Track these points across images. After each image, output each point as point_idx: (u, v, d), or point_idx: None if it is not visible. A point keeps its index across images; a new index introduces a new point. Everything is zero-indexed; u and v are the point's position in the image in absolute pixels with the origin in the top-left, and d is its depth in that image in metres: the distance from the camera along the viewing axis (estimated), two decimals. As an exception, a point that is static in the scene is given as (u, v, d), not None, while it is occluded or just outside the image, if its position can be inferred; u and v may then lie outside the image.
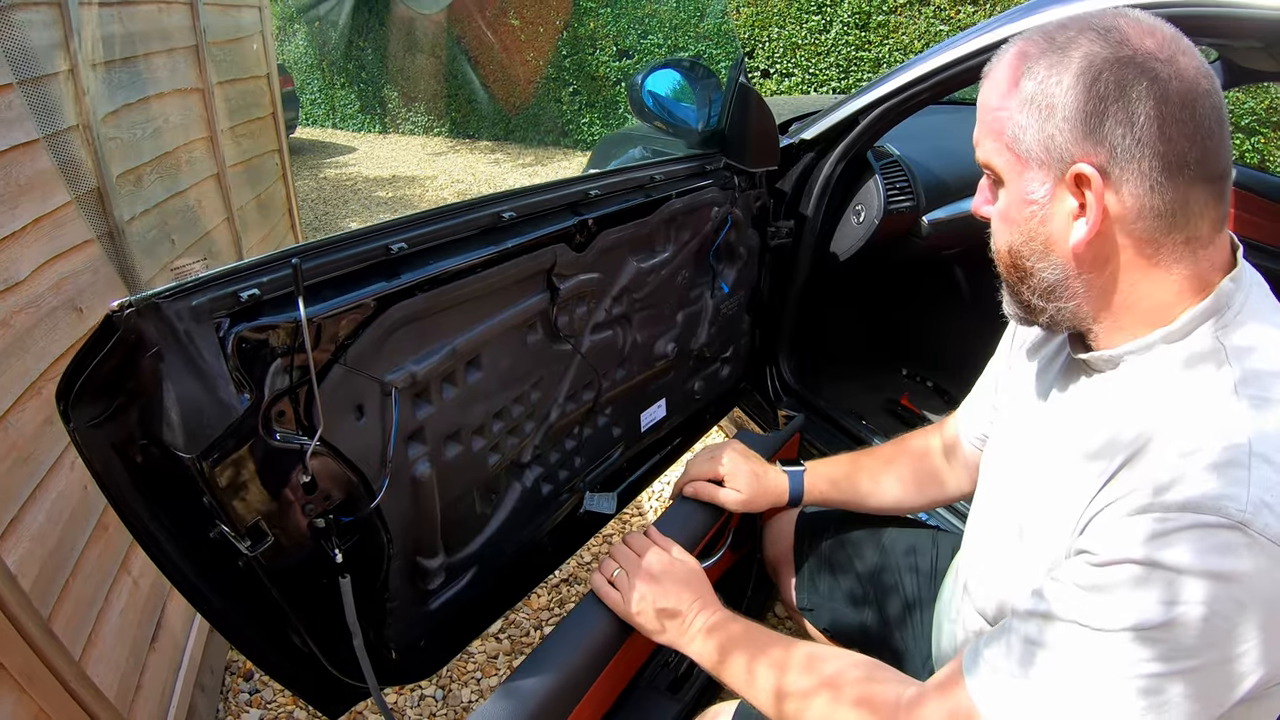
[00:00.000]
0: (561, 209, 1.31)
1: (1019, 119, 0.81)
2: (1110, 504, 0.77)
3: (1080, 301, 0.85)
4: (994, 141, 0.85)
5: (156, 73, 2.60)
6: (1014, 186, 0.85)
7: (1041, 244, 0.84)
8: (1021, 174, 0.83)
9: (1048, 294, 0.87)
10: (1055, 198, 0.82)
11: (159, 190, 2.45)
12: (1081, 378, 0.93)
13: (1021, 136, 0.82)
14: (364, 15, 12.01)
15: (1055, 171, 0.80)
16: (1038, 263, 0.86)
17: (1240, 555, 0.68)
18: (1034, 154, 0.81)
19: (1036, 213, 0.83)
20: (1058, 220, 0.82)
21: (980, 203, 0.94)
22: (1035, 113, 0.80)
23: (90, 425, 0.83)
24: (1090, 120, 0.77)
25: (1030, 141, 0.81)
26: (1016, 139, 0.82)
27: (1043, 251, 0.85)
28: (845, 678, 0.97)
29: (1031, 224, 0.84)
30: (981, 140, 0.87)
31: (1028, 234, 0.85)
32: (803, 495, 1.44)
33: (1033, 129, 0.80)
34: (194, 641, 1.98)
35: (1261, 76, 2.14)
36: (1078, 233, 0.81)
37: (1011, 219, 0.86)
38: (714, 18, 8.26)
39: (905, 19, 7.36)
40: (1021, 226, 0.85)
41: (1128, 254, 0.81)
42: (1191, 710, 0.72)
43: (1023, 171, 0.83)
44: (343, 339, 0.98)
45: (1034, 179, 0.82)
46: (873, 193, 2.10)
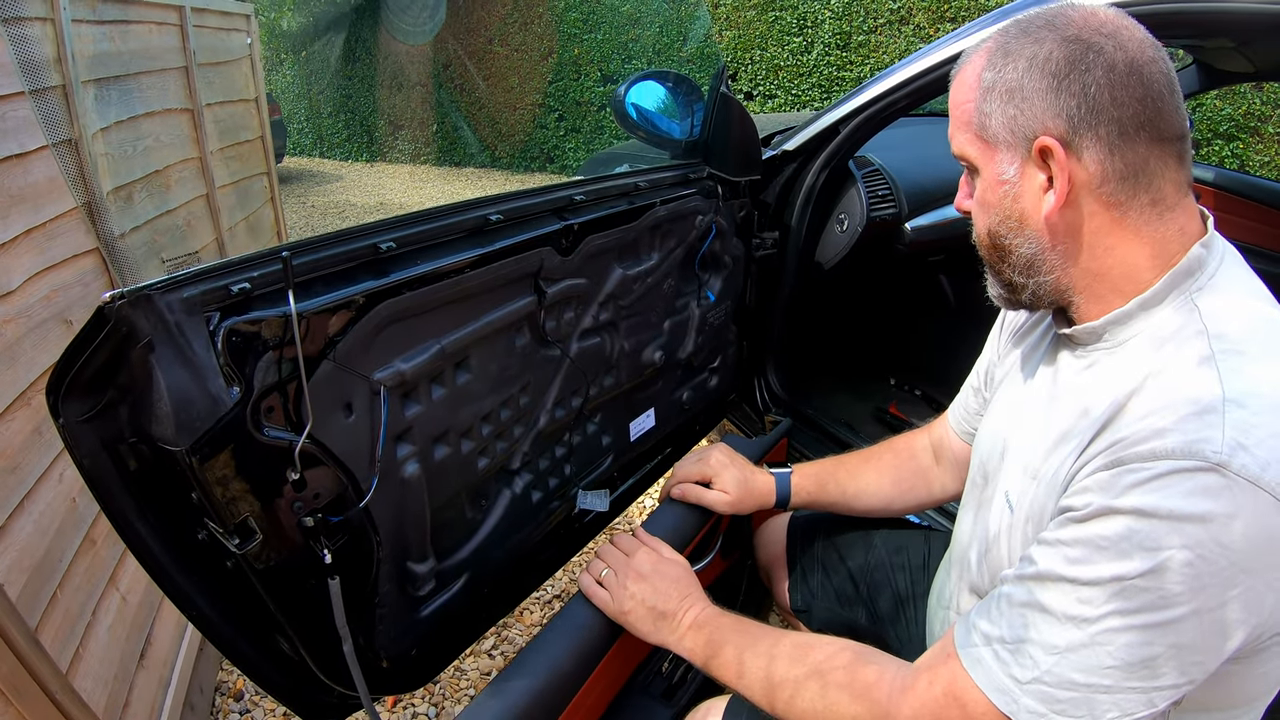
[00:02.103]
0: (547, 213, 1.33)
1: (983, 107, 0.88)
2: (1091, 460, 0.79)
3: (1059, 274, 0.90)
4: (964, 133, 0.91)
5: (147, 92, 2.62)
6: (987, 171, 0.90)
7: (1016, 220, 0.89)
8: (992, 158, 0.89)
9: (1027, 269, 0.91)
10: (1024, 175, 0.87)
11: (149, 208, 2.47)
12: (1067, 354, 0.95)
13: (987, 123, 0.88)
14: (351, 45, 12.10)
15: (1021, 150, 0.86)
16: (1014, 239, 0.90)
17: (1219, 496, 0.69)
18: (1000, 137, 0.87)
19: (1009, 191, 0.88)
20: (1029, 196, 0.87)
21: (961, 198, 0.99)
22: (997, 99, 0.86)
23: (80, 420, 0.84)
24: (1046, 96, 0.83)
25: (996, 126, 0.87)
26: (984, 126, 0.88)
27: (1018, 227, 0.89)
28: (835, 663, 0.98)
29: (1005, 202, 0.89)
30: (954, 134, 0.94)
31: (1003, 213, 0.90)
32: (790, 497, 1.44)
33: (996, 114, 0.87)
34: (183, 660, 1.96)
35: (1236, 78, 2.19)
36: (1048, 203, 0.85)
37: (987, 202, 0.92)
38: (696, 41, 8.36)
39: (886, 38, 7.47)
40: (997, 207, 0.90)
41: (1097, 219, 0.85)
42: (1185, 662, 0.73)
43: (993, 155, 0.89)
44: (332, 335, 0.98)
45: (1003, 160, 0.88)
46: (855, 201, 2.13)
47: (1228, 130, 5.86)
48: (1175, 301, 0.84)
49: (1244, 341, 0.78)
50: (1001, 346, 1.20)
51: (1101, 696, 0.75)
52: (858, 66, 7.69)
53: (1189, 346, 0.79)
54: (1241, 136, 5.87)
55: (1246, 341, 0.78)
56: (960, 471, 1.36)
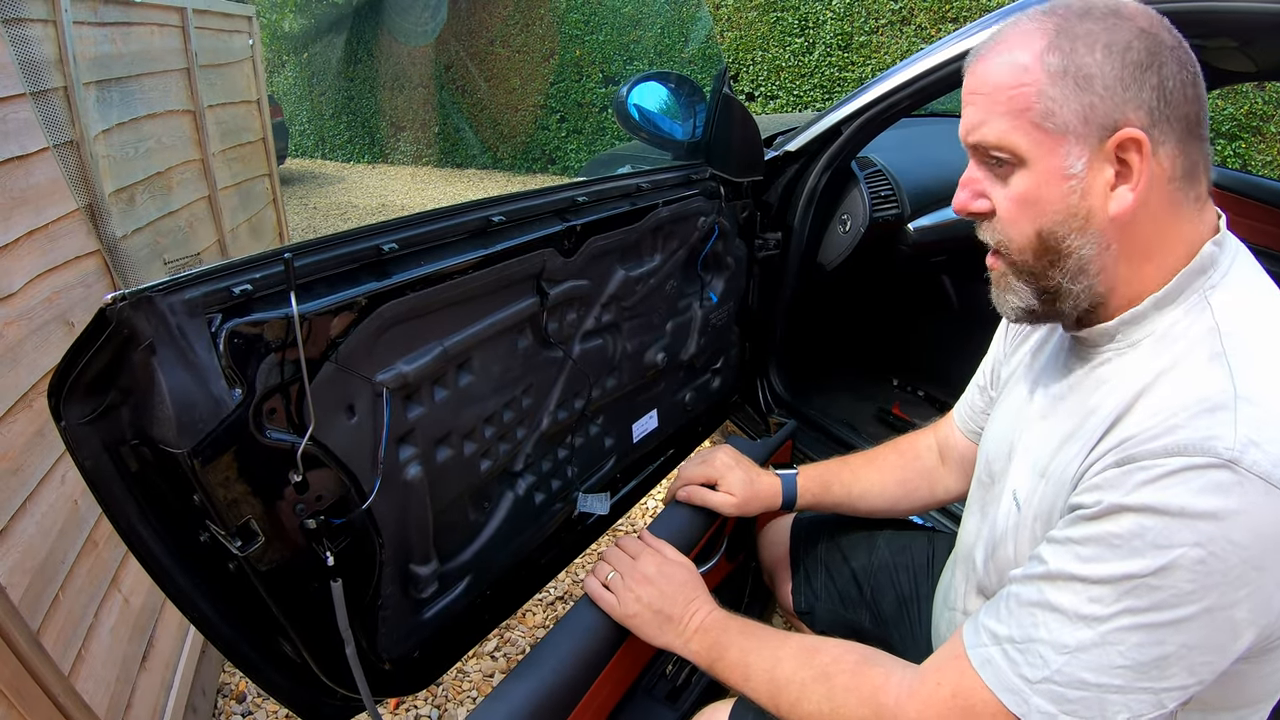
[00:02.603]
0: (549, 215, 1.32)
1: (1050, 92, 0.79)
2: (1101, 457, 0.79)
3: (1104, 276, 0.84)
4: (1012, 120, 0.82)
5: (149, 93, 2.63)
6: (1044, 164, 0.82)
7: (1082, 218, 0.82)
8: (1055, 149, 0.81)
9: (1079, 273, 0.85)
10: (1092, 169, 0.80)
11: (151, 209, 2.47)
12: (1076, 352, 0.94)
13: (1055, 110, 0.80)
14: (353, 46, 12.12)
15: (1093, 141, 0.79)
16: (1076, 239, 0.83)
17: (1231, 493, 0.69)
18: (1071, 126, 0.79)
19: (1076, 187, 0.81)
20: (1096, 192, 0.81)
21: (969, 199, 0.90)
22: (1070, 84, 0.79)
23: (82, 422, 0.83)
24: (1129, 86, 0.77)
25: (1067, 114, 0.79)
26: (1049, 113, 0.80)
27: (1082, 226, 0.82)
28: (842, 665, 0.97)
29: (1071, 199, 0.82)
30: (988, 122, 0.84)
31: (1066, 211, 0.82)
32: (795, 498, 1.43)
33: (1069, 101, 0.79)
34: (185, 662, 1.96)
35: (1238, 78, 2.18)
36: (1121, 200, 0.80)
37: (1041, 199, 0.83)
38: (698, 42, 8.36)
39: (887, 39, 7.47)
40: (1057, 204, 0.82)
41: (1156, 218, 0.82)
42: (1196, 661, 0.73)
43: (1056, 147, 0.81)
44: (334, 337, 0.98)
45: (1070, 153, 0.80)
46: (858, 202, 2.13)
47: (1230, 130, 5.86)
48: (1189, 299, 0.82)
49: (1256, 338, 0.78)
50: (1008, 345, 1.20)
51: (1113, 696, 0.75)
52: (859, 67, 7.68)
53: (1201, 343, 0.79)
54: (1244, 136, 5.86)
55: (1258, 338, 0.78)
56: (965, 471, 1.35)
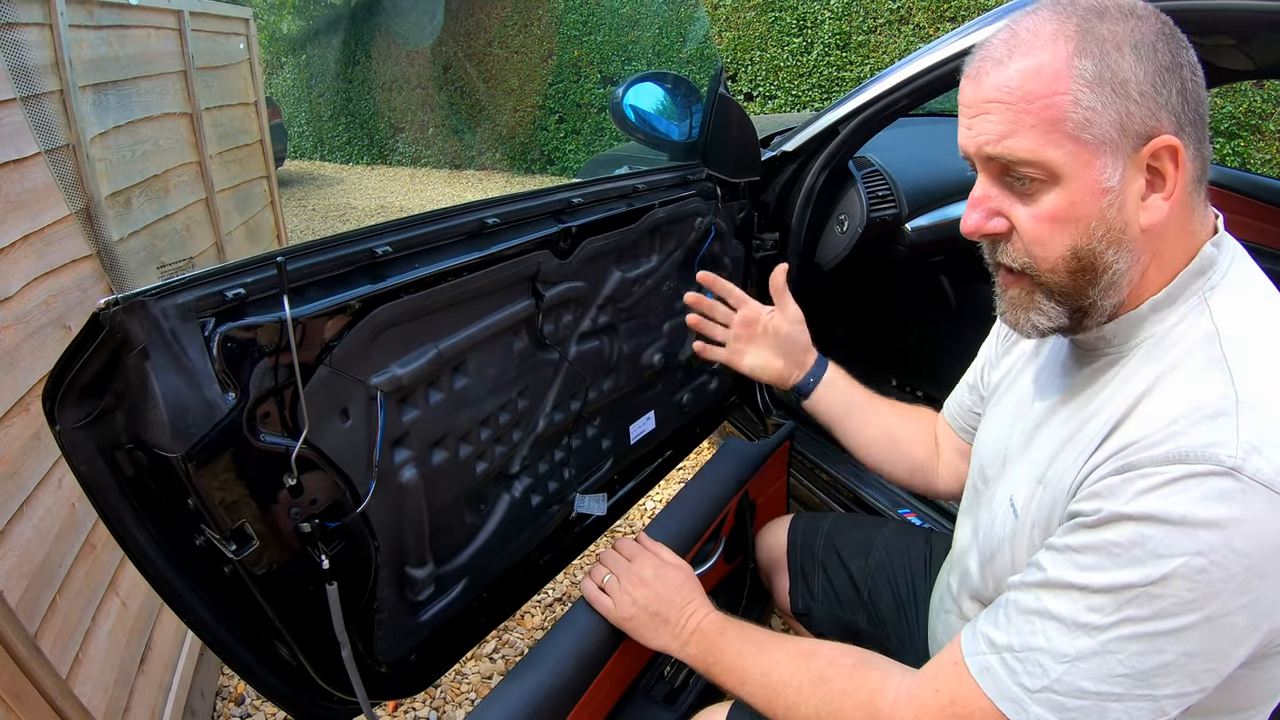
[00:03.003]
0: (545, 216, 1.32)
1: (1086, 101, 0.75)
2: (1101, 464, 0.78)
3: (1127, 287, 0.82)
4: (1046, 133, 0.76)
5: (145, 96, 2.63)
6: (1080, 179, 0.77)
7: (1119, 233, 0.78)
8: (1093, 162, 0.76)
9: (1111, 288, 0.81)
10: (1126, 180, 0.77)
11: (148, 212, 2.47)
12: (1073, 357, 0.93)
13: (1093, 120, 0.75)
14: (351, 48, 12.12)
15: (1126, 151, 0.76)
16: (1113, 254, 0.79)
17: (1234, 501, 0.68)
18: (1109, 136, 0.75)
19: (1114, 201, 0.77)
20: (1130, 204, 0.78)
21: (983, 220, 0.84)
22: (1107, 91, 0.74)
23: (76, 426, 0.83)
24: (1159, 91, 0.74)
25: (1105, 124, 0.75)
26: (1087, 123, 0.75)
27: (1119, 240, 0.79)
28: (839, 669, 0.97)
29: (1109, 214, 0.77)
30: (1018, 134, 0.78)
31: (1105, 226, 0.78)
32: (818, 383, 1.43)
33: (1107, 110, 0.75)
34: (184, 664, 1.96)
35: (1236, 76, 2.18)
36: (1154, 211, 0.77)
37: (1077, 216, 0.78)
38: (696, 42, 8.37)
39: (885, 38, 7.47)
40: (1095, 220, 0.78)
41: (1178, 224, 0.80)
42: (1197, 669, 0.72)
43: (1094, 159, 0.76)
44: (327, 340, 0.98)
45: (1107, 164, 0.76)
46: (855, 202, 2.12)
47: (1228, 128, 5.85)
48: (1188, 302, 0.81)
49: (1256, 341, 0.77)
50: (999, 347, 1.19)
51: (1113, 705, 0.74)
52: (857, 67, 7.68)
53: (1200, 347, 0.77)
54: (1242, 134, 5.85)
55: (1258, 341, 0.77)
56: (951, 462, 1.35)
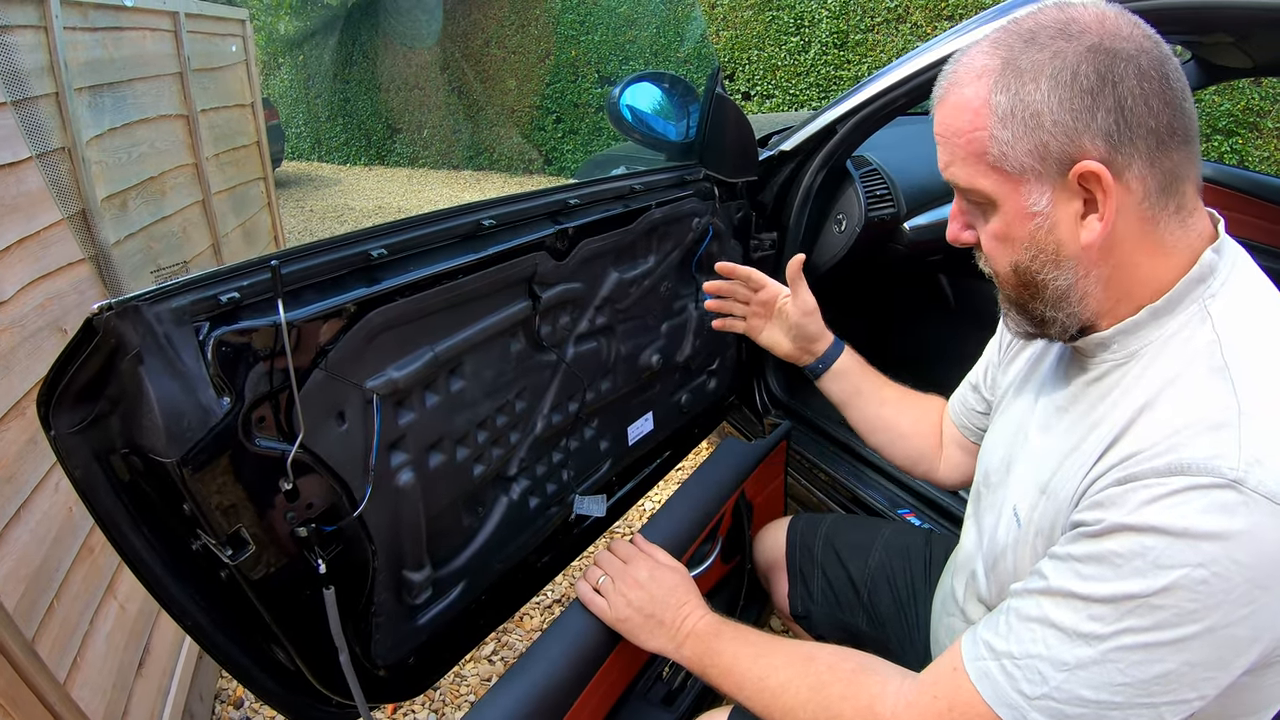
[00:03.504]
0: (541, 217, 1.32)
1: (1001, 136, 0.78)
2: (1103, 474, 0.77)
3: (1089, 299, 0.84)
4: (973, 165, 0.82)
5: (141, 98, 2.63)
6: (1009, 205, 0.81)
7: (1052, 252, 0.82)
8: (1016, 190, 0.80)
9: (1060, 302, 0.84)
10: (1057, 203, 0.79)
11: (144, 214, 2.47)
12: (1075, 364, 0.93)
13: (1008, 153, 0.78)
14: (348, 48, 12.12)
15: (1053, 178, 0.78)
16: (1050, 273, 0.83)
17: (1236, 513, 0.68)
18: (1027, 166, 0.78)
19: (1042, 224, 0.80)
20: (1065, 225, 0.80)
21: (959, 230, 0.91)
22: (1019, 125, 0.77)
23: (71, 431, 0.83)
24: (1080, 116, 0.75)
25: (1020, 155, 0.78)
26: (1004, 156, 0.79)
27: (1054, 260, 0.82)
28: (838, 673, 0.96)
29: (1038, 236, 0.81)
30: (955, 166, 0.84)
31: (1036, 247, 0.82)
32: (832, 363, 1.45)
33: (1020, 142, 0.78)
34: (182, 668, 1.95)
35: (1235, 74, 2.18)
36: (1090, 231, 0.79)
37: (1012, 237, 0.83)
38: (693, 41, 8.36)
39: (883, 36, 7.47)
40: (1026, 242, 0.82)
41: (1133, 237, 0.80)
42: (1198, 679, 0.72)
43: (1017, 188, 0.80)
44: (323, 344, 0.98)
45: (1031, 191, 0.79)
46: (853, 201, 2.12)
47: (1227, 126, 5.85)
48: (1188, 309, 0.81)
49: (1258, 350, 0.76)
50: (1004, 353, 1.19)
51: (1112, 713, 0.74)
52: (855, 65, 7.68)
53: (1202, 356, 0.77)
54: (1241, 132, 5.85)
55: (1260, 350, 0.76)
56: (952, 455, 1.35)
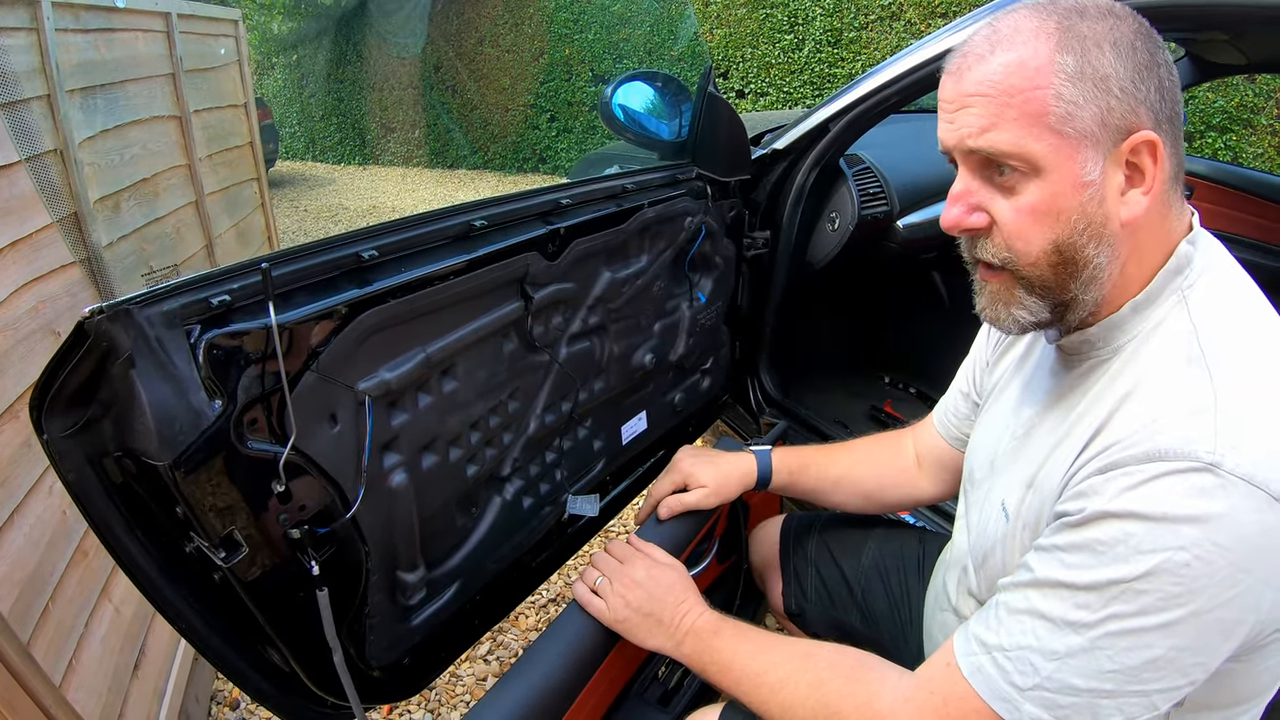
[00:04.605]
0: (533, 218, 1.32)
1: (1068, 95, 0.75)
2: (1085, 465, 0.79)
3: (1107, 283, 0.82)
4: (1028, 127, 0.77)
5: (134, 99, 2.62)
6: (1062, 173, 0.78)
7: (1099, 226, 0.79)
8: (1073, 156, 0.77)
9: (1091, 283, 0.82)
10: (1106, 175, 0.78)
11: (137, 216, 2.47)
12: (1060, 361, 0.94)
13: (1075, 114, 0.76)
14: (342, 48, 12.09)
15: (1106, 146, 0.77)
16: (1094, 249, 0.80)
17: (1214, 497, 0.69)
18: (1089, 130, 0.76)
19: (1094, 194, 0.78)
20: (1111, 199, 0.78)
21: (964, 214, 0.85)
22: (1089, 86, 0.75)
23: (64, 435, 0.83)
24: (1141, 88, 0.75)
25: (1087, 118, 0.76)
26: (1068, 117, 0.76)
27: (1099, 235, 0.79)
28: (835, 671, 0.97)
29: (1089, 208, 0.78)
30: (999, 127, 0.78)
31: (1085, 220, 0.79)
32: (771, 475, 1.41)
33: (1090, 104, 0.75)
34: (178, 670, 1.95)
35: (1228, 70, 2.19)
36: (1134, 205, 0.78)
37: (1059, 210, 0.79)
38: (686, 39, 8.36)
39: (877, 34, 7.47)
40: (1075, 214, 0.79)
41: (1155, 221, 0.81)
42: (1186, 663, 0.73)
43: (1074, 153, 0.77)
44: (314, 345, 0.98)
45: (1087, 158, 0.77)
46: (846, 199, 2.12)
47: (1220, 122, 5.88)
48: (1167, 301, 0.82)
49: (1233, 338, 0.78)
50: (990, 354, 1.19)
51: (1104, 701, 0.75)
52: (849, 63, 7.68)
53: (1179, 347, 0.79)
54: (1234, 128, 5.88)
55: (1235, 338, 0.78)
56: (941, 475, 1.35)
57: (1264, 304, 0.83)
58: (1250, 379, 0.75)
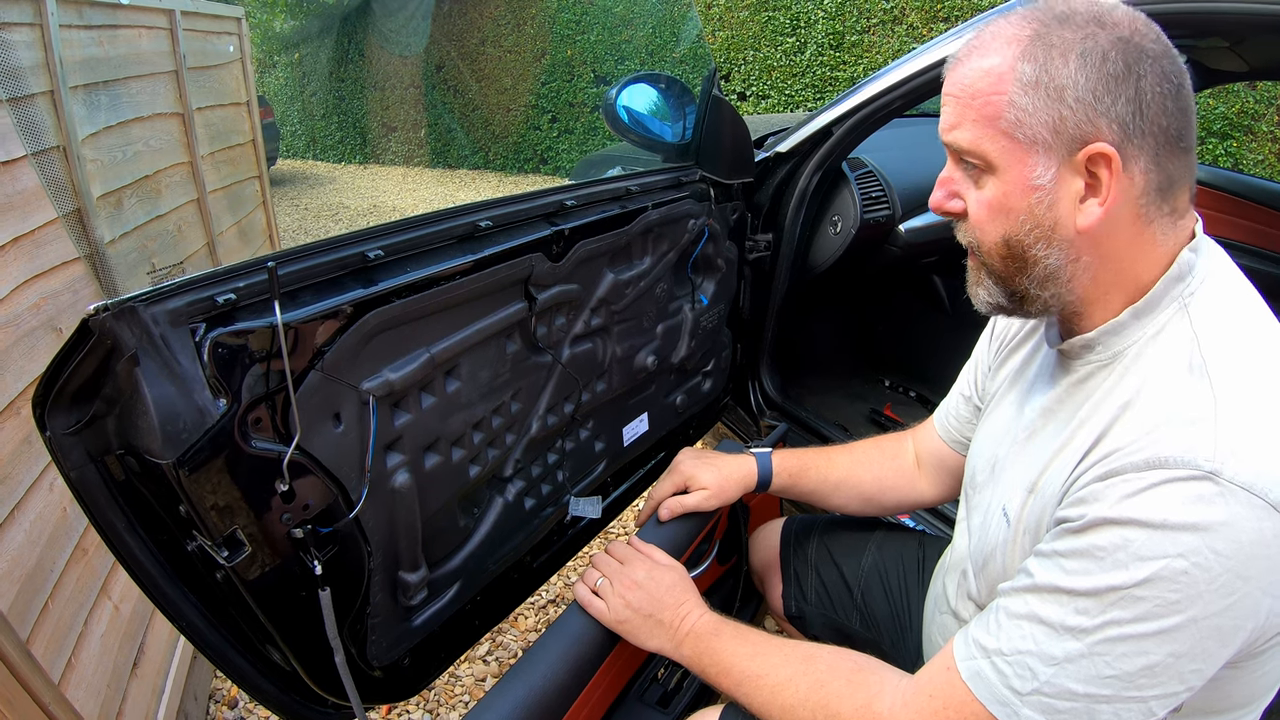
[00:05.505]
0: (537, 219, 1.32)
1: (1021, 102, 0.79)
2: (1086, 471, 0.79)
3: (1075, 284, 0.85)
4: (986, 128, 0.82)
5: (136, 97, 2.62)
6: (1013, 173, 0.82)
7: (1048, 229, 0.82)
8: (1023, 159, 0.81)
9: (1047, 281, 0.85)
10: (1060, 180, 0.80)
11: (139, 213, 2.47)
12: (1061, 365, 0.94)
13: (1025, 120, 0.79)
14: (344, 47, 12.09)
15: (1062, 153, 0.79)
16: (1042, 250, 0.83)
17: (1214, 505, 0.69)
18: (1040, 137, 0.79)
19: (1043, 198, 0.81)
20: (1064, 203, 0.81)
21: (944, 199, 0.90)
22: (1041, 95, 0.78)
23: (66, 433, 0.83)
24: (1103, 100, 0.76)
25: (1036, 125, 0.79)
26: (1019, 123, 0.79)
27: (1048, 238, 0.83)
28: (836, 674, 0.97)
29: (1037, 210, 0.82)
30: (962, 126, 0.84)
31: (1032, 221, 0.82)
32: (771, 477, 1.41)
33: (1039, 112, 0.78)
34: (177, 668, 1.95)
35: (1230, 77, 2.19)
36: (1089, 214, 0.80)
37: (1009, 207, 0.83)
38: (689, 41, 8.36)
39: (879, 38, 7.47)
40: (1024, 214, 0.83)
41: (1125, 232, 0.81)
42: (1184, 670, 0.73)
43: (1024, 157, 0.81)
44: (319, 345, 0.98)
45: (1038, 163, 0.80)
46: (849, 203, 2.13)
47: (1221, 129, 5.88)
48: (1168, 308, 0.83)
49: (1234, 346, 0.78)
50: (993, 359, 1.19)
51: (1101, 706, 0.76)
52: (851, 67, 7.68)
53: (1180, 354, 0.79)
54: (1235, 135, 5.88)
55: (1236, 346, 0.78)
56: (941, 479, 1.36)
57: (1266, 312, 0.83)
58: (1251, 388, 0.75)
